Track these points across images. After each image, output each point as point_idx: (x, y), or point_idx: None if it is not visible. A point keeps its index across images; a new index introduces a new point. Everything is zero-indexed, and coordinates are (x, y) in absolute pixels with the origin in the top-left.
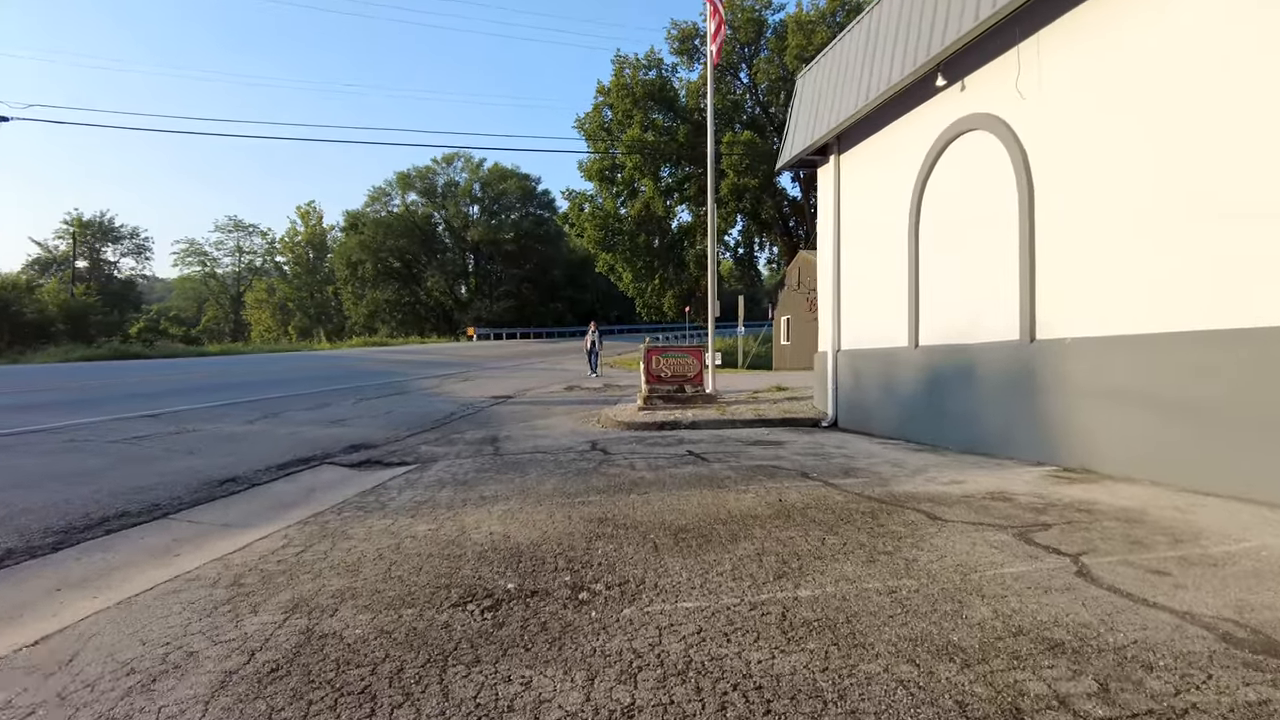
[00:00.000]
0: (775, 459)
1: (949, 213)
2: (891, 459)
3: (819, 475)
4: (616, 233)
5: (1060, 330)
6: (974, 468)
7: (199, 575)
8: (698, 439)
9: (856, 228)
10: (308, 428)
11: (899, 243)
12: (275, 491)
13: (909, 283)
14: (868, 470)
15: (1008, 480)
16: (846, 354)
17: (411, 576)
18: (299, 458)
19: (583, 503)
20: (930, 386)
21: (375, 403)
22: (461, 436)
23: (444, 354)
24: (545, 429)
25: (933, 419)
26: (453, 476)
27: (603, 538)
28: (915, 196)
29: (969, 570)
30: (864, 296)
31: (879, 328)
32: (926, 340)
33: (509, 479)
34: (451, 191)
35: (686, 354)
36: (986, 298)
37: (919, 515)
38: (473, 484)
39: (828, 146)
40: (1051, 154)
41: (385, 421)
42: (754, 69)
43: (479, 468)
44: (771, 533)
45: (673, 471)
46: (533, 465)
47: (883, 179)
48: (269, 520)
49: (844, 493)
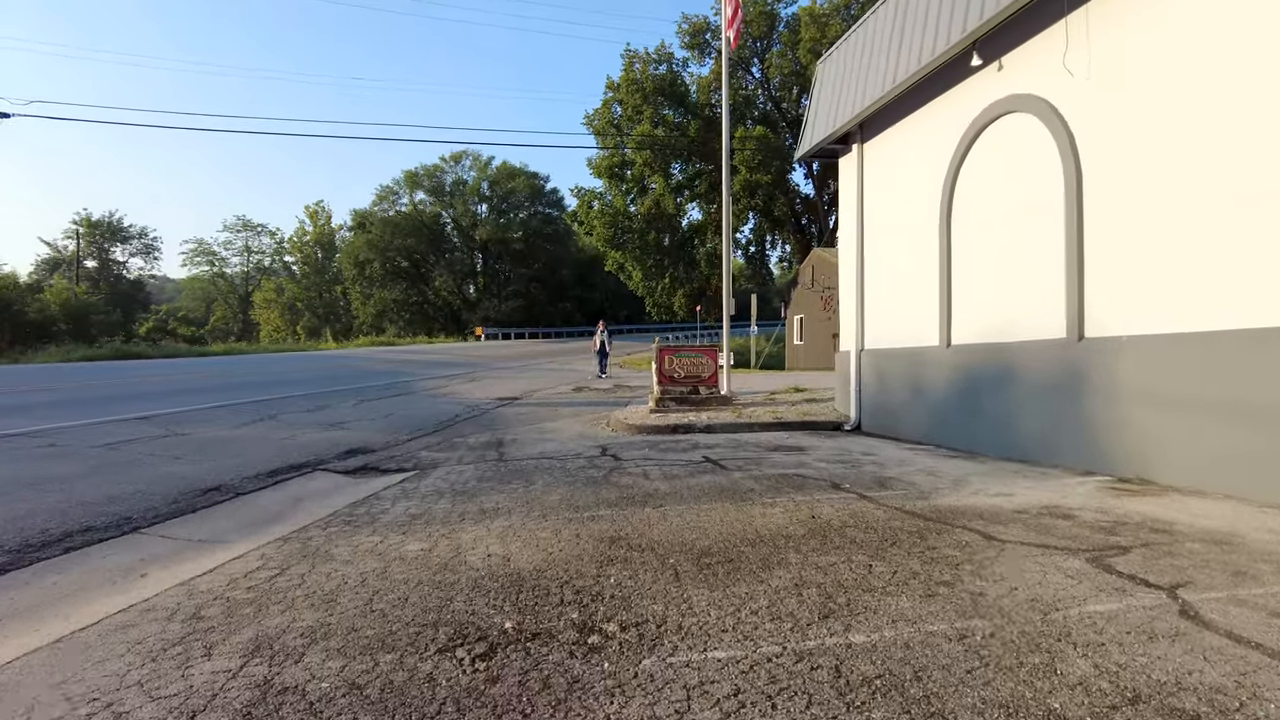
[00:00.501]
0: (800, 466)
1: (984, 202)
2: (926, 467)
3: (851, 486)
4: (626, 230)
5: (1114, 327)
6: (1017, 477)
7: (156, 605)
8: (714, 444)
9: (881, 220)
10: (304, 431)
11: (928, 235)
12: (261, 502)
13: (940, 278)
14: (903, 480)
15: (1060, 492)
16: (870, 354)
17: (395, 610)
18: (291, 463)
19: (592, 518)
20: (963, 388)
21: (377, 404)
22: (464, 440)
23: (451, 354)
24: (552, 432)
25: (966, 423)
26: (451, 485)
27: (615, 562)
28: (947, 185)
29: (1049, 607)
30: (890, 293)
31: (906, 326)
32: (959, 339)
33: (512, 488)
34: (459, 190)
35: (701, 353)
36: (1027, 293)
37: (972, 535)
38: (473, 494)
39: (850, 135)
40: (1103, 135)
41: (385, 424)
42: (766, 63)
43: (481, 475)
44: (808, 558)
45: (690, 481)
46: (538, 473)
47: (910, 168)
48: (249, 535)
49: (882, 507)
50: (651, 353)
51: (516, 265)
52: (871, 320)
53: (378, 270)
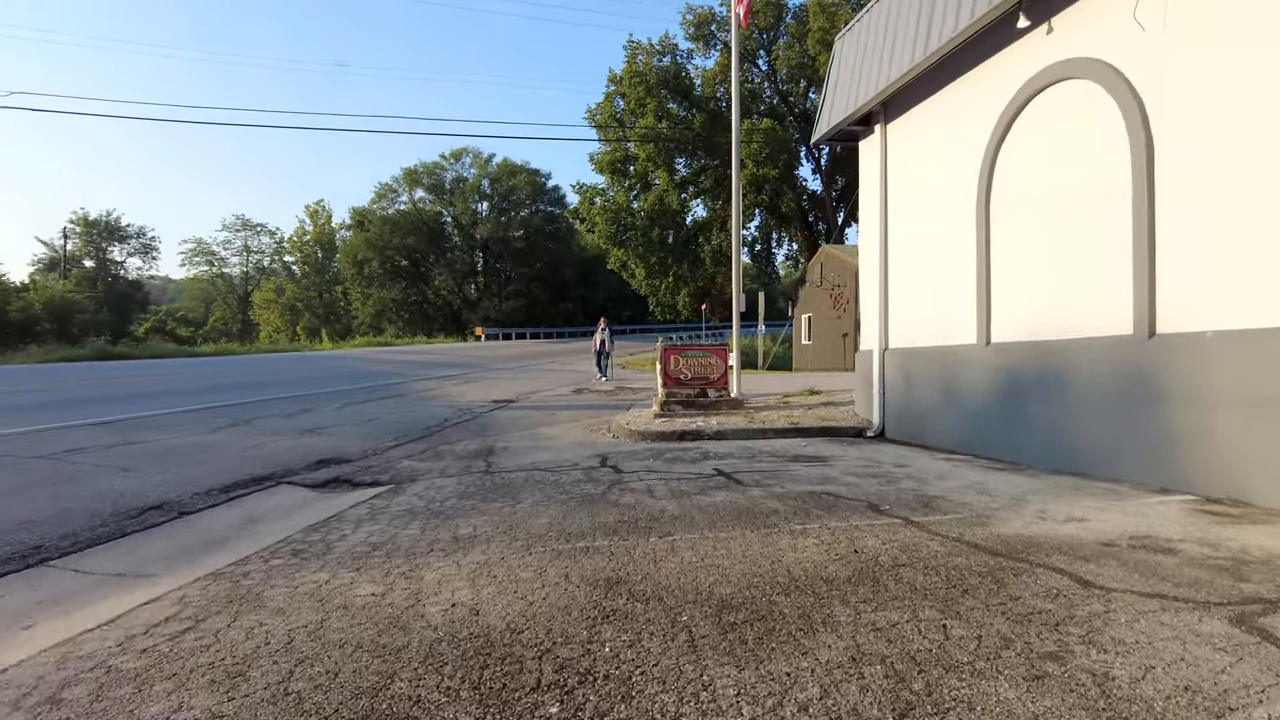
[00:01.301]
0: (826, 482)
1: (1030, 184)
2: (971, 482)
3: (892, 508)
4: (629, 227)
5: (1193, 321)
6: (1081, 495)
7: (7, 680)
8: (725, 453)
9: (908, 207)
10: (277, 438)
11: (964, 222)
12: (205, 523)
13: (977, 269)
14: (950, 500)
15: (1143, 517)
16: (896, 353)
17: (316, 694)
18: (253, 476)
19: (586, 550)
20: (1005, 392)
21: (363, 407)
22: (451, 448)
23: (449, 354)
24: (548, 439)
25: (1009, 431)
26: (427, 504)
27: (612, 618)
28: (985, 167)
29: (1218, 705)
30: (918, 287)
31: (937, 323)
32: (1001, 336)
33: (496, 508)
34: (459, 188)
35: (709, 353)
36: (1083, 285)
37: (1061, 579)
38: (449, 516)
39: (871, 115)
40: (1181, 100)
41: (368, 430)
42: (773, 55)
43: (463, 491)
44: (861, 613)
45: (701, 500)
46: (528, 488)
47: (941, 149)
48: (177, 569)
49: (937, 537)
50: (656, 353)
51: (518, 264)
52: (897, 317)
53: (376, 269)
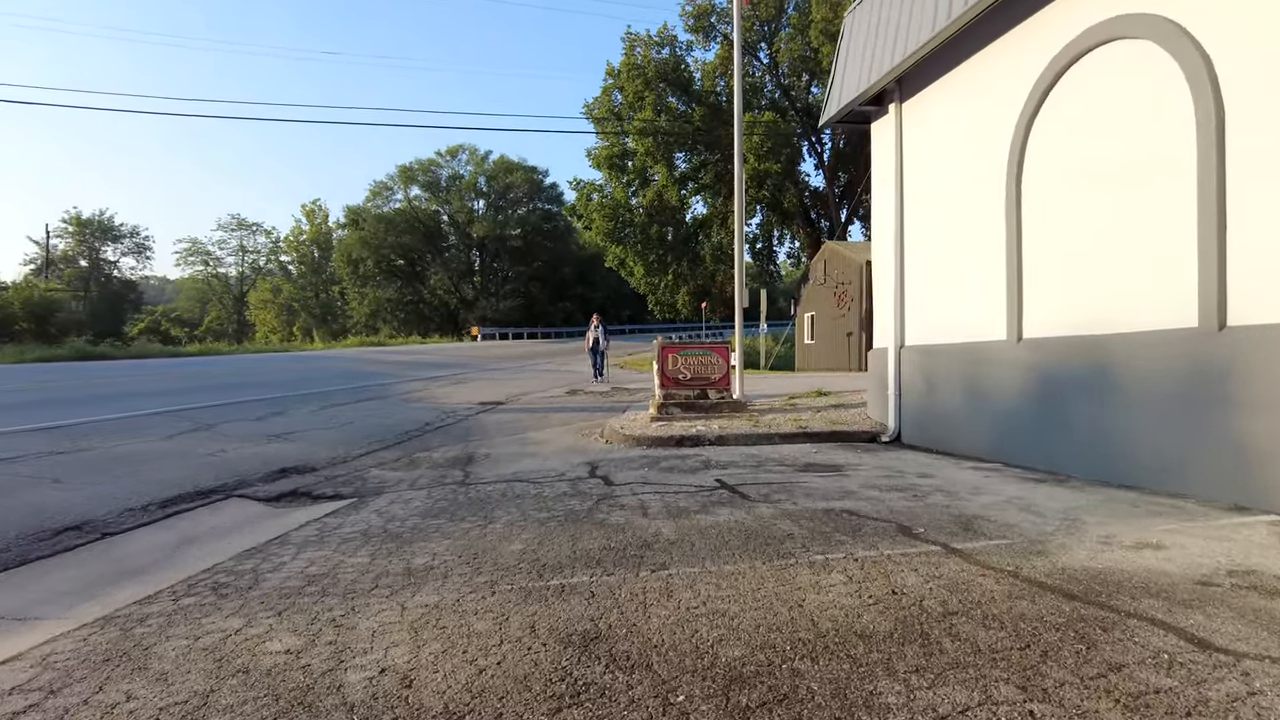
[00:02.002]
0: (844, 496)
1: (1070, 160)
2: (1010, 496)
3: (927, 531)
4: (627, 224)
5: (1274, 312)
6: (1143, 514)
7: None
8: (728, 461)
9: (926, 191)
10: (239, 444)
11: (991, 205)
12: (128, 548)
13: (1007, 257)
14: (992, 519)
15: (1230, 542)
16: (913, 351)
17: None
18: (201, 488)
19: (561, 591)
20: (1041, 393)
21: (341, 410)
22: (429, 455)
23: (442, 354)
24: (536, 445)
25: (1044, 436)
26: (386, 524)
27: (584, 695)
28: (1015, 144)
29: None
30: (937, 278)
31: (960, 317)
32: (1034, 331)
33: (463, 530)
34: (455, 185)
35: (710, 351)
36: (1135, 272)
37: (1169, 638)
38: (408, 539)
39: (885, 94)
40: (1260, 58)
41: (341, 435)
42: (774, 48)
43: (430, 508)
44: (915, 691)
45: (702, 520)
46: (505, 503)
47: (965, 126)
48: (74, 608)
49: (989, 571)
50: (653, 352)
51: (515, 263)
52: (914, 311)
53: (371, 269)
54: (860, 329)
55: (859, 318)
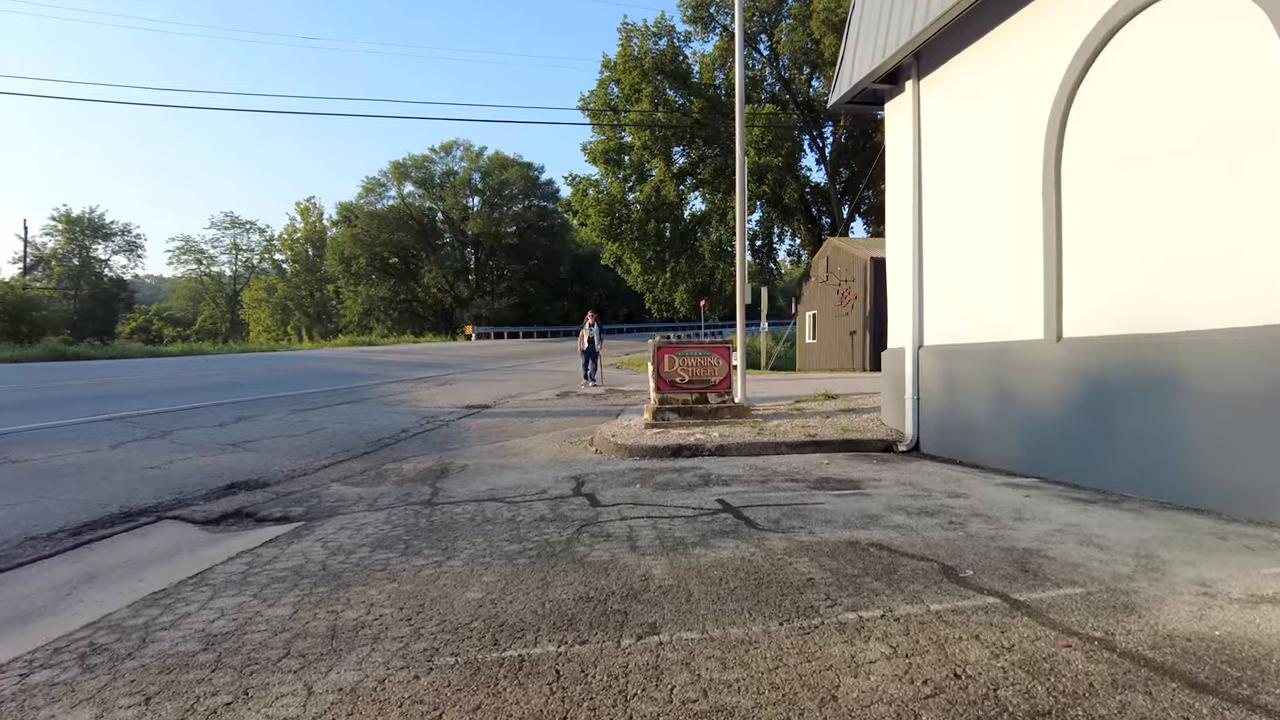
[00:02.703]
0: (868, 522)
1: (1125, 129)
2: (1063, 523)
3: (977, 574)
4: (624, 220)
5: None
6: (1234, 549)
7: None
8: (731, 475)
9: (947, 176)
10: (191, 454)
11: (1024, 188)
12: (12, 589)
13: (1045, 248)
14: (1052, 556)
15: None
16: (933, 352)
17: None
18: (132, 509)
19: (517, 669)
20: (1085, 399)
21: (312, 415)
22: (399, 467)
23: (434, 354)
24: (518, 455)
25: (1089, 448)
26: (325, 560)
27: None
28: (1057, 116)
29: None
30: (962, 271)
31: (987, 313)
32: (1078, 329)
33: (415, 568)
34: (449, 182)
35: (710, 352)
36: (1207, 262)
37: None
38: (346, 582)
39: (900, 71)
40: None
41: (308, 443)
42: (775, 39)
43: (382, 537)
44: None
45: (702, 557)
46: (471, 531)
47: (993, 101)
48: None
49: (1072, 638)
50: (649, 353)
51: (510, 261)
52: (934, 307)
53: (364, 266)
54: (865, 328)
55: (863, 316)
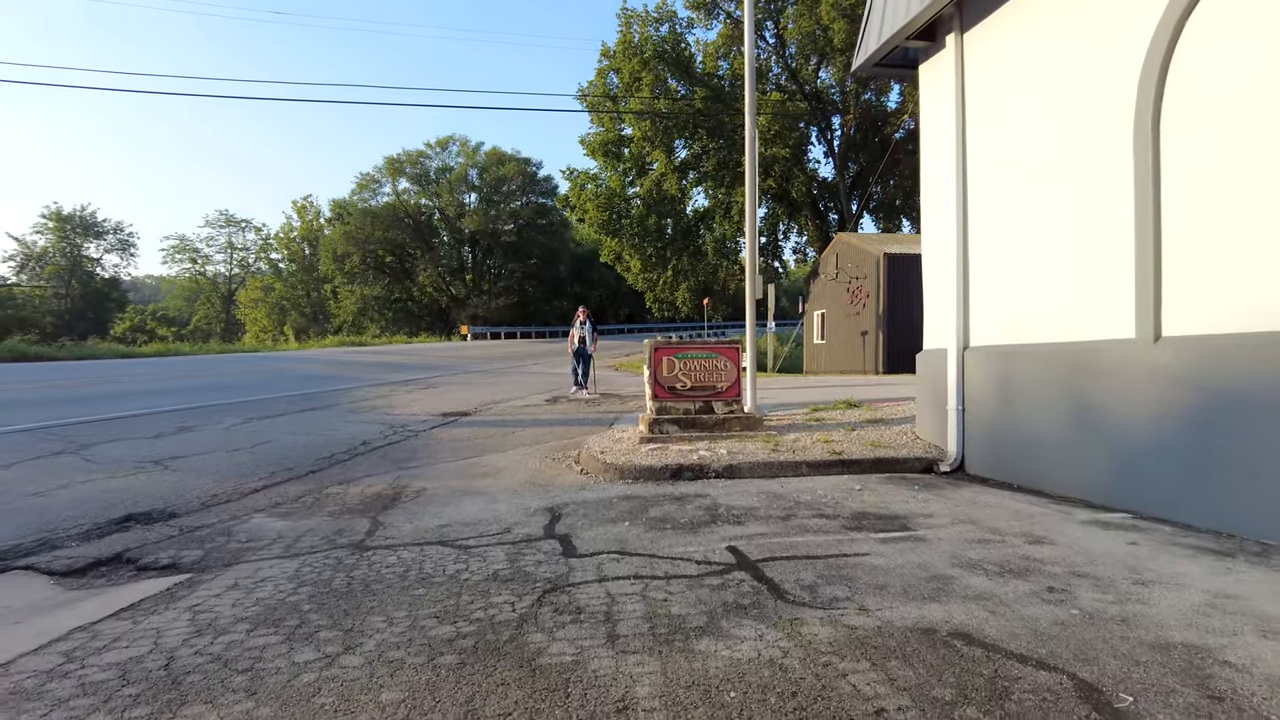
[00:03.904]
0: (938, 590)
1: (1247, 79)
2: (1213, 591)
3: (1137, 702)
4: (623, 215)
5: None
6: None
7: None
8: (743, 508)
9: (1000, 143)
10: (91, 476)
11: (1107, 154)
12: None
13: (1137, 222)
14: (1232, 662)
15: None
16: (983, 353)
17: None
18: None
19: None
20: (1199, 415)
21: (269, 424)
22: (342, 492)
23: (423, 355)
24: (488, 476)
25: (1209, 478)
26: (173, 652)
27: None
28: (1153, 62)
29: None
30: (1019, 257)
31: (1055, 307)
32: (1184, 325)
33: (295, 667)
34: (445, 177)
35: (715, 353)
36: None
37: None
38: (183, 696)
39: (938, 26)
40: None
41: (246, 460)
42: (782, 25)
43: (276, 605)
44: None
45: (710, 660)
46: (394, 598)
47: (1062, 49)
48: None
49: None
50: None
51: (508, 259)
52: (983, 301)
53: (357, 264)
54: (877, 328)
55: (875, 316)
